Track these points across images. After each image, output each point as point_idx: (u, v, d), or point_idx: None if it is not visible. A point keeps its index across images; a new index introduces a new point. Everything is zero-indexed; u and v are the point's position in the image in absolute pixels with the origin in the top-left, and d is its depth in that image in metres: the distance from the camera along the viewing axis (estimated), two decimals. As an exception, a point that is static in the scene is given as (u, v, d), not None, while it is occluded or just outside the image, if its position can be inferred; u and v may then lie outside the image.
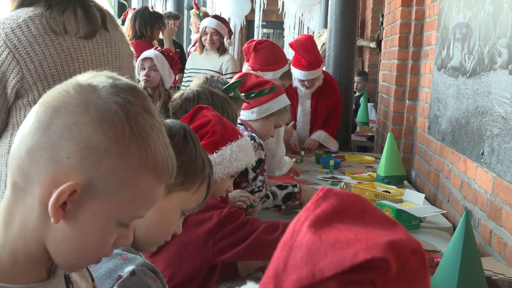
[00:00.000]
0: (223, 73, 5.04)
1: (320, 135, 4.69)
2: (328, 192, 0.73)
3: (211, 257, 1.93)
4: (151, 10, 5.29)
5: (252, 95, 2.75)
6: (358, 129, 6.33)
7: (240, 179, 2.76)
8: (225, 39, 5.28)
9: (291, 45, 4.52)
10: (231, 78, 4.86)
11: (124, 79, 0.91)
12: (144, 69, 3.83)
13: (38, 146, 0.85)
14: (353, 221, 0.70)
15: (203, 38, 5.19)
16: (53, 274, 0.94)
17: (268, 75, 3.72)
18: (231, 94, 2.63)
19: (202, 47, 5.24)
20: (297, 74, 4.44)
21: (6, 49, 1.92)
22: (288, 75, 4.18)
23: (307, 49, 4.37)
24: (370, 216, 0.72)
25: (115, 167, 0.85)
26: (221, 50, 5.21)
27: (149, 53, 3.88)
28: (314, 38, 7.86)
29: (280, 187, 2.86)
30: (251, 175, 2.76)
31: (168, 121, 1.51)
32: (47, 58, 1.96)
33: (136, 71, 3.88)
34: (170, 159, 0.93)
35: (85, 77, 0.90)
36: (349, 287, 0.65)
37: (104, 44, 2.13)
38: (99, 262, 0.96)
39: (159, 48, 4.04)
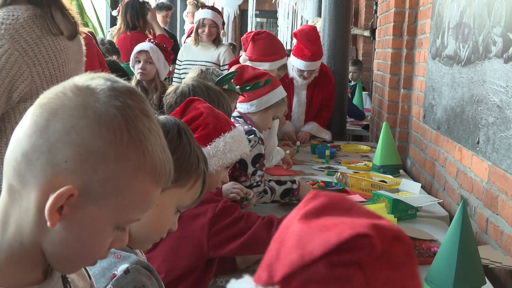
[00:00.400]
0: (221, 65, 5.01)
1: (312, 128, 4.71)
2: (317, 193, 0.76)
3: (207, 251, 1.92)
4: (140, 0, 5.24)
5: (248, 87, 2.74)
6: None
7: (239, 173, 2.75)
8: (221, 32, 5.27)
9: (295, 34, 4.49)
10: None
11: (122, 82, 0.90)
12: (139, 62, 3.80)
13: (35, 149, 0.83)
14: (340, 214, 0.73)
15: (200, 30, 5.11)
16: (50, 275, 0.93)
17: (265, 66, 3.70)
18: (226, 87, 2.61)
19: (198, 38, 5.16)
20: (297, 64, 4.41)
21: (16, 52, 1.87)
22: (284, 65, 4.16)
23: (310, 39, 4.34)
24: (357, 211, 0.74)
25: (113, 171, 0.85)
26: (217, 41, 5.17)
27: (144, 45, 3.85)
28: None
29: (279, 183, 2.85)
30: (250, 169, 2.74)
31: (162, 117, 1.50)
32: (52, 59, 1.94)
33: (130, 64, 3.86)
34: (167, 162, 0.92)
35: (82, 79, 0.89)
36: (337, 269, 0.67)
37: (80, 45, 2.13)
38: (95, 264, 0.95)
39: (152, 40, 4.00)
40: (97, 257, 0.92)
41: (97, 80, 0.88)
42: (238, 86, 2.72)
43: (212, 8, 5.31)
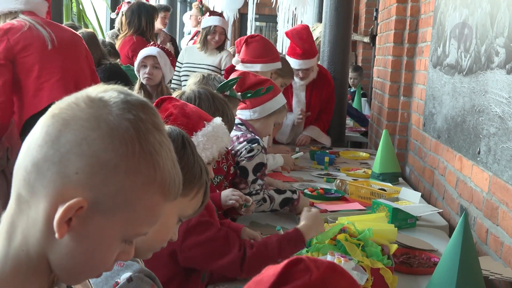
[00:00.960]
0: (222, 69, 5.00)
1: (313, 131, 4.72)
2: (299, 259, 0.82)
3: (181, 261, 1.93)
4: (147, 3, 5.21)
5: (249, 95, 2.74)
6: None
7: (239, 180, 2.75)
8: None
9: (287, 33, 4.55)
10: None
11: (135, 95, 0.90)
12: (146, 66, 3.77)
13: (46, 159, 0.83)
14: None
15: (209, 37, 5.04)
16: (55, 286, 0.93)
17: (257, 68, 3.70)
18: (227, 93, 2.61)
19: (205, 44, 5.11)
20: (291, 63, 4.45)
21: None
22: (289, 73, 4.16)
23: (302, 37, 4.42)
24: None
25: (124, 184, 0.84)
26: (221, 46, 5.16)
27: (152, 50, 3.81)
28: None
29: (278, 192, 2.84)
30: (251, 177, 2.74)
31: (166, 127, 1.50)
32: None
33: (135, 68, 3.85)
34: (177, 177, 0.92)
35: (95, 91, 0.88)
36: None
37: None
38: (100, 276, 0.94)
39: (157, 44, 3.98)
40: (103, 270, 0.92)
41: (110, 92, 0.88)
42: (239, 93, 2.71)
43: (220, 14, 5.28)
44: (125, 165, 0.84)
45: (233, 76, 2.97)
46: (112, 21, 6.90)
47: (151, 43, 4.05)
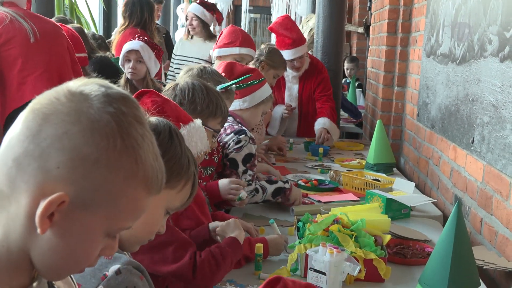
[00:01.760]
0: (212, 62, 4.98)
1: (325, 123, 4.37)
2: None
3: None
4: None
5: (243, 86, 2.73)
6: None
7: (230, 171, 2.73)
8: (212, 26, 5.23)
9: (270, 28, 4.54)
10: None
11: (116, 88, 0.89)
12: (130, 61, 3.72)
13: (26, 154, 0.82)
14: None
15: (187, 23, 5.23)
16: (36, 281, 0.91)
17: (235, 51, 3.81)
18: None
19: (188, 32, 5.26)
20: (284, 55, 4.39)
21: None
22: (282, 63, 4.11)
23: (287, 28, 4.40)
24: None
25: (105, 178, 0.83)
26: (208, 37, 5.16)
27: (134, 44, 3.75)
28: (302, 23, 7.85)
29: (270, 182, 2.83)
30: (241, 168, 2.73)
31: (153, 118, 1.49)
32: None
33: (120, 62, 3.80)
34: (159, 171, 0.91)
35: (76, 85, 0.87)
36: None
37: None
38: (83, 272, 0.93)
39: (142, 37, 3.91)
40: (86, 265, 0.91)
41: (91, 85, 0.87)
42: (234, 86, 2.69)
43: (202, 3, 5.24)
44: (107, 159, 0.83)
45: (218, 66, 2.98)
46: (106, 14, 6.86)
47: (137, 35, 3.97)
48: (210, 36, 5.19)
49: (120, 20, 5.21)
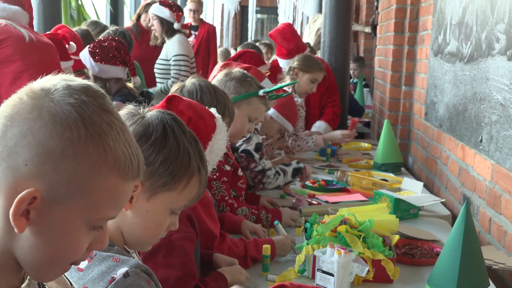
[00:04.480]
0: (168, 59, 4.87)
1: (320, 126, 4.37)
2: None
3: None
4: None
5: (273, 96, 2.77)
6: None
7: (247, 160, 2.82)
8: (175, 24, 4.93)
9: (270, 35, 4.50)
10: (180, 61, 4.74)
11: (78, 80, 0.89)
12: None
13: None
14: None
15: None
16: (25, 282, 0.91)
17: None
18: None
19: (154, 36, 5.10)
20: (280, 63, 4.40)
21: None
22: (316, 66, 4.00)
23: (285, 37, 4.37)
24: None
25: (74, 169, 0.83)
26: (168, 34, 4.97)
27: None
28: (309, 23, 7.82)
29: (286, 165, 2.99)
30: (256, 156, 2.84)
31: (148, 116, 1.40)
32: None
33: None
34: (134, 156, 0.90)
35: (39, 82, 0.88)
36: None
37: None
38: (68, 270, 0.93)
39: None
40: (73, 260, 0.90)
41: (53, 81, 0.88)
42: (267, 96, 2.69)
43: (161, 2, 4.98)
44: (73, 150, 0.83)
45: (218, 70, 2.87)
46: (113, 16, 6.86)
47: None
48: (170, 33, 4.97)
49: (126, 22, 5.19)
